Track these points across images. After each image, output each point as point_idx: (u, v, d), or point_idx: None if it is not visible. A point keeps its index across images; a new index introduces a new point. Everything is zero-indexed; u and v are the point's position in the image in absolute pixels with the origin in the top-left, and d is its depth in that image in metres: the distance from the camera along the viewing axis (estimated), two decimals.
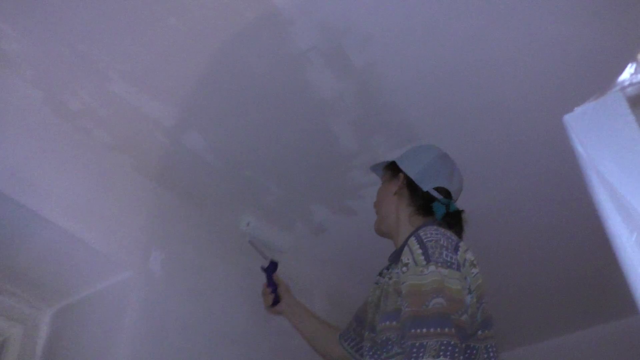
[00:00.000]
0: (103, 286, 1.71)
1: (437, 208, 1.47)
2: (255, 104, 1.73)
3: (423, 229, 1.35)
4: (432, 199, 1.50)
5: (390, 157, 1.90)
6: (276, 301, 1.80)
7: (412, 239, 1.33)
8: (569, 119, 0.64)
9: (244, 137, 1.85)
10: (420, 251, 1.27)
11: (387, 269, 1.52)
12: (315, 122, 1.82)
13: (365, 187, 2.08)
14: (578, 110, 0.64)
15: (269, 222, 2.17)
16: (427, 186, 1.51)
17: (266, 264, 1.87)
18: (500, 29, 1.55)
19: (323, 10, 1.49)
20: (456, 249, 1.30)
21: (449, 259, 1.26)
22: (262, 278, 1.85)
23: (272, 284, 1.83)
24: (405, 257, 1.30)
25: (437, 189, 1.51)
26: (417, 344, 1.15)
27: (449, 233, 1.35)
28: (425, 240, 1.29)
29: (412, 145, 1.69)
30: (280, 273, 1.91)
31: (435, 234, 1.31)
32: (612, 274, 2.36)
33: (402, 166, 1.57)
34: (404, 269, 1.28)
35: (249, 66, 1.61)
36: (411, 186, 1.54)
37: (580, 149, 0.62)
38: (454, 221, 1.48)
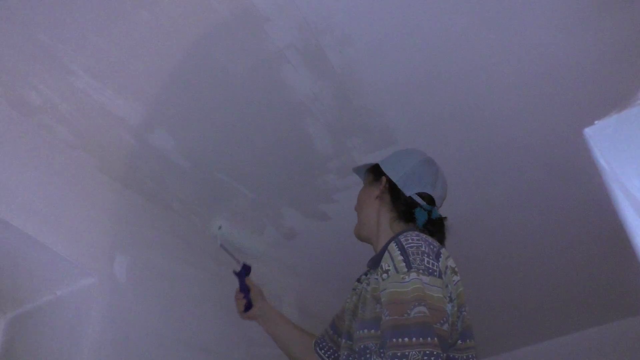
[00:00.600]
0: (63, 293, 1.65)
1: (418, 214, 1.47)
2: (228, 103, 1.71)
3: (404, 235, 1.33)
4: (415, 204, 1.49)
5: (366, 161, 1.90)
6: (249, 306, 1.77)
7: (393, 244, 1.32)
8: (590, 132, 0.63)
9: (214, 138, 1.82)
10: (400, 257, 1.26)
11: (366, 274, 1.50)
12: (290, 123, 1.80)
13: (339, 191, 2.07)
14: (600, 123, 0.63)
15: (242, 225, 2.14)
16: (409, 191, 1.50)
17: (238, 267, 1.84)
18: (490, 31, 1.55)
19: (301, 8, 1.47)
20: (438, 255, 1.30)
21: (430, 266, 1.25)
22: (235, 283, 1.82)
23: (245, 288, 1.79)
24: (386, 264, 1.29)
25: (420, 195, 1.50)
26: (398, 354, 1.14)
27: (430, 239, 1.35)
28: (406, 246, 1.28)
29: (392, 150, 1.68)
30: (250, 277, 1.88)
31: (417, 240, 1.30)
32: (607, 279, 2.42)
33: (385, 169, 1.56)
34: (384, 275, 1.27)
35: (222, 63, 1.58)
36: (393, 191, 1.53)
37: (603, 162, 0.62)
38: (435, 228, 1.48)
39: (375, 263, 1.42)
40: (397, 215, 1.50)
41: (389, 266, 1.27)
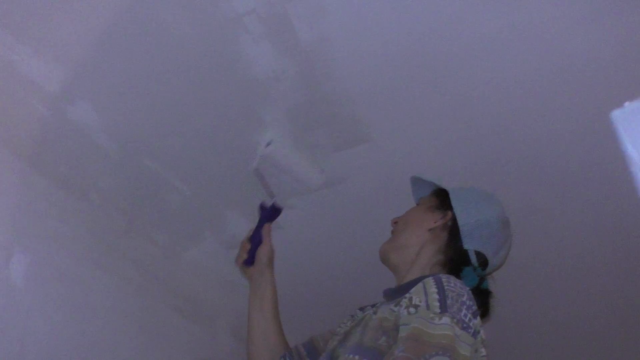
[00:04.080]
0: None
1: (467, 275, 1.50)
2: (168, 75, 1.68)
3: (446, 276, 1.34)
4: (467, 261, 1.52)
5: (332, 159, 1.91)
6: (249, 262, 1.76)
7: (430, 279, 1.32)
8: (619, 115, 0.63)
9: (148, 116, 1.80)
10: (437, 296, 1.26)
11: (373, 306, 1.53)
12: (242, 105, 1.79)
13: (297, 194, 2.06)
14: (630, 106, 0.64)
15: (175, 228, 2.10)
16: (470, 244, 1.53)
17: (268, 203, 1.80)
18: (493, 13, 1.55)
19: None
20: (476, 314, 1.29)
21: (467, 320, 1.25)
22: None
23: (257, 238, 1.76)
24: (417, 298, 1.29)
25: (477, 254, 1.53)
26: None
27: (472, 296, 1.35)
28: (445, 287, 1.28)
29: (363, 148, 1.67)
30: (176, 292, 1.85)
31: (460, 288, 1.31)
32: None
33: (455, 206, 1.58)
34: (412, 309, 1.27)
35: (165, 25, 1.56)
36: (453, 233, 1.55)
37: (632, 150, 0.62)
38: (480, 301, 1.50)
39: (393, 294, 1.44)
40: (444, 261, 1.54)
41: (420, 301, 1.27)
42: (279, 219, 1.86)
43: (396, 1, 1.53)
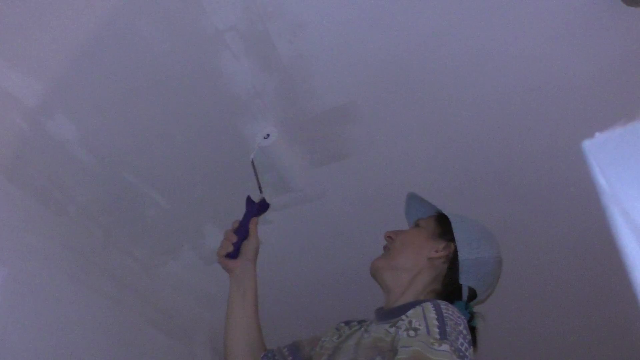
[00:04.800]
0: None
1: (459, 308, 1.50)
2: (148, 90, 1.68)
3: (445, 303, 1.37)
4: (459, 295, 1.55)
5: (311, 175, 1.91)
6: (233, 255, 1.72)
7: (429, 304, 1.35)
8: (590, 145, 0.65)
9: (127, 131, 1.79)
10: (436, 322, 1.29)
11: (359, 323, 1.56)
12: (222, 121, 1.79)
13: (274, 210, 2.06)
14: (601, 136, 0.65)
15: (154, 241, 2.08)
16: (466, 280, 1.55)
17: (256, 197, 1.77)
18: (475, 34, 1.58)
19: None
20: (470, 344, 1.33)
21: (463, 350, 1.29)
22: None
23: (243, 231, 1.73)
24: (417, 321, 1.32)
25: (469, 289, 1.57)
26: None
27: (467, 324, 1.38)
28: (444, 315, 1.31)
29: (341, 165, 1.67)
30: (155, 306, 1.84)
31: (458, 317, 1.34)
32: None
33: (459, 240, 1.59)
34: (411, 332, 1.30)
35: (145, 40, 1.56)
36: (452, 266, 1.58)
37: (602, 181, 0.63)
38: None
39: (388, 315, 1.46)
40: (439, 291, 1.57)
41: (419, 325, 1.30)
42: (265, 214, 1.84)
43: (375, 18, 1.55)
